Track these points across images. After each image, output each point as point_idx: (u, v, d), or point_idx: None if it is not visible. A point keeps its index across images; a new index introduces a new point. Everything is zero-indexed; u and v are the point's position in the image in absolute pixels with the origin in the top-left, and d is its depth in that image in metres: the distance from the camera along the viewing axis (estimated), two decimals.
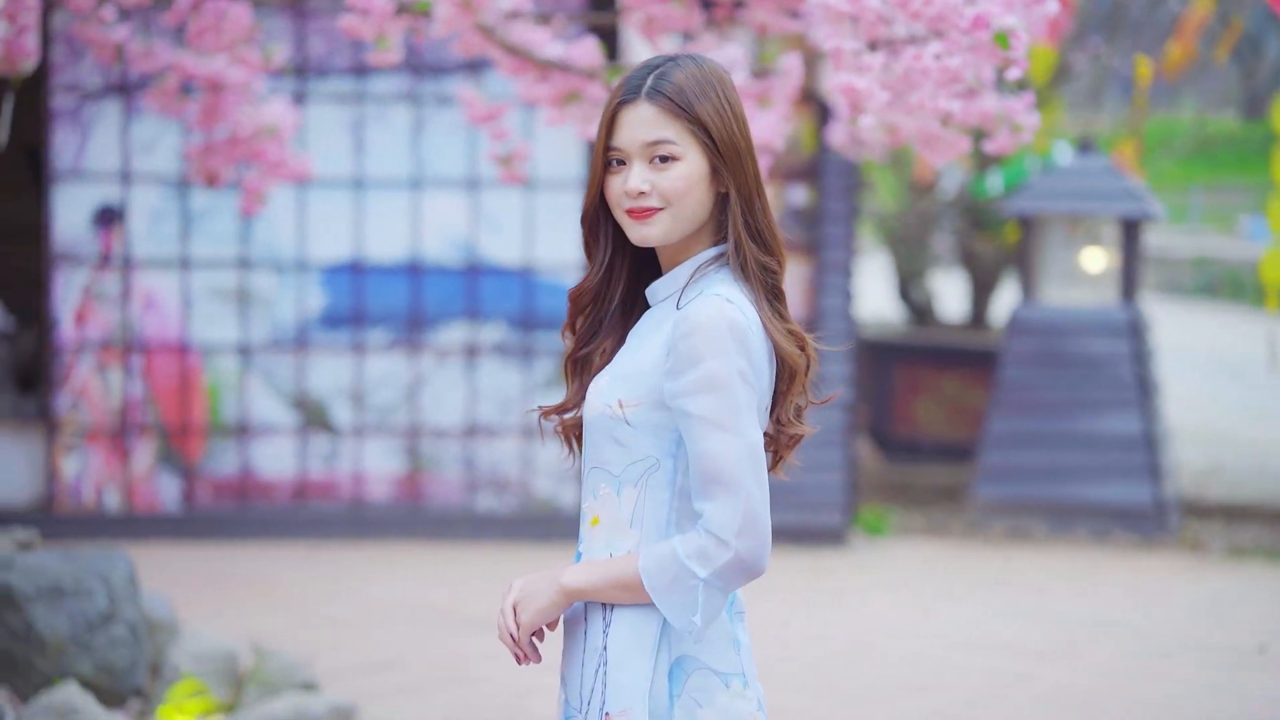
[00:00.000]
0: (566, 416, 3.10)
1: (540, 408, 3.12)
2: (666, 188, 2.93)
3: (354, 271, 11.05)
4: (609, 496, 2.96)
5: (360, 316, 11.08)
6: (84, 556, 6.76)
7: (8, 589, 6.48)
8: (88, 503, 10.86)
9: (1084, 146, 12.92)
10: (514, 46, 6.28)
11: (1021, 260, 12.66)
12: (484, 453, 11.14)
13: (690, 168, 2.92)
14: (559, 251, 11.04)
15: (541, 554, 10.39)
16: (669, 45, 6.77)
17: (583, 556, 3.01)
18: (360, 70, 10.85)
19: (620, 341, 3.07)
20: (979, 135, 5.82)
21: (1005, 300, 16.79)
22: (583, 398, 3.06)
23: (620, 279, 3.07)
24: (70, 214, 10.82)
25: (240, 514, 10.95)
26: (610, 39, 9.22)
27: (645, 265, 3.09)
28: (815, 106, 10.93)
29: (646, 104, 2.93)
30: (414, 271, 11.08)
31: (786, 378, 2.97)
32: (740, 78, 6.17)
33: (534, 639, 3.03)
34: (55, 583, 6.53)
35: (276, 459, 11.03)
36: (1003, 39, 4.63)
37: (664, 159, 2.92)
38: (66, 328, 10.81)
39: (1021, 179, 14.64)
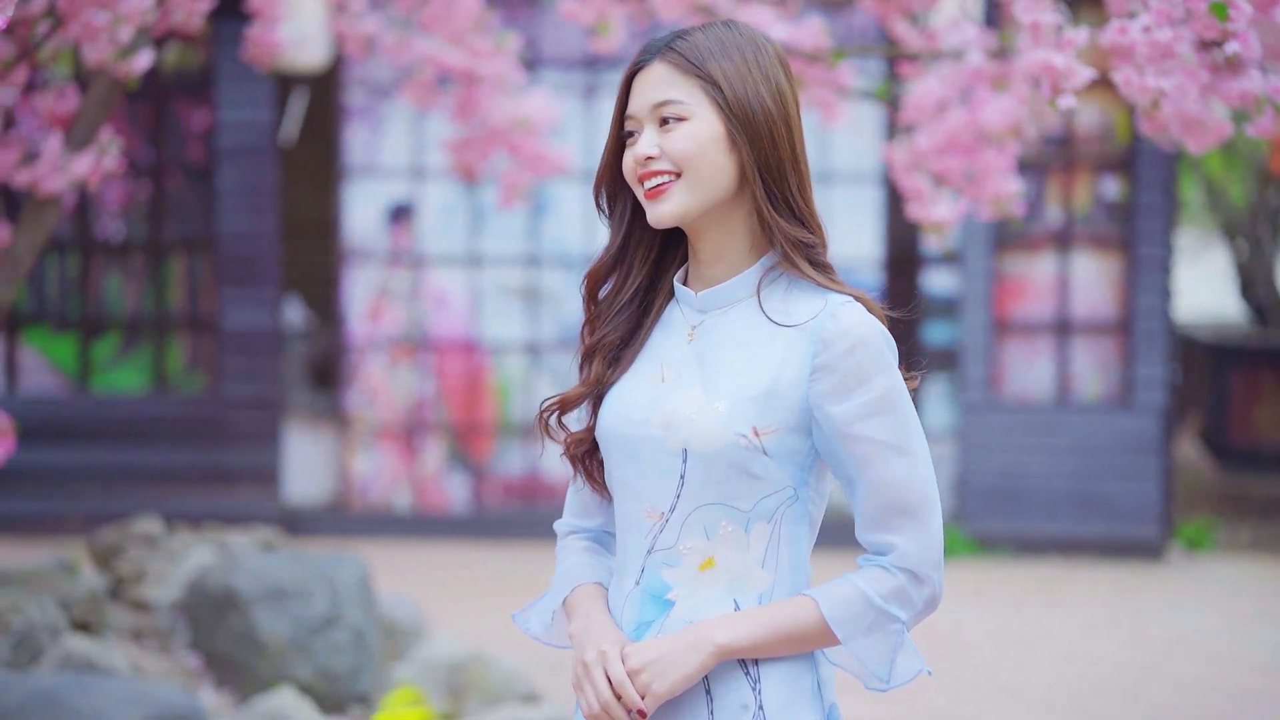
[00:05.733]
0: (578, 431, 2.77)
1: (545, 402, 2.82)
2: (672, 149, 2.57)
3: None
4: (733, 535, 2.60)
5: None
6: (312, 559, 6.64)
7: (232, 591, 6.40)
8: (378, 502, 10.84)
9: None
10: None
11: None
12: None
13: (699, 127, 2.56)
14: (857, 246, 10.63)
15: (834, 563, 9.97)
16: (911, 31, 6.32)
17: (676, 605, 2.62)
18: None
19: (642, 336, 2.75)
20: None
21: None
22: (597, 396, 2.76)
23: (646, 261, 2.73)
24: (362, 210, 10.81)
25: (527, 516, 10.78)
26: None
27: (668, 253, 2.75)
28: None
29: (659, 63, 2.60)
30: None
31: None
32: (976, 59, 5.72)
33: None
34: (278, 585, 6.41)
35: (563, 460, 10.83)
36: (1220, 9, 4.08)
37: (671, 119, 2.58)
38: (358, 325, 10.81)
39: None
